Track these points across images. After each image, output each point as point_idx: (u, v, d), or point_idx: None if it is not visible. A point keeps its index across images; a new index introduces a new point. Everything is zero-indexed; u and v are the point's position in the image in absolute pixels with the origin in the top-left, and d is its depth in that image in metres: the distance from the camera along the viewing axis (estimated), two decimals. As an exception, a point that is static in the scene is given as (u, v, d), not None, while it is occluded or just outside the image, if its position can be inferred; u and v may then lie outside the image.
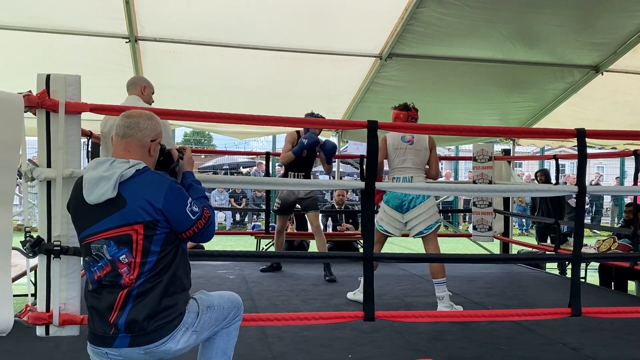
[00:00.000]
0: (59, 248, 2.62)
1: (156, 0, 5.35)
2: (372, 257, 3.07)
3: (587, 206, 15.44)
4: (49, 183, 2.65)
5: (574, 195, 3.34)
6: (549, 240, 7.99)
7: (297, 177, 5.35)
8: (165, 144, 2.35)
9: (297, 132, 5.39)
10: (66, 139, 2.65)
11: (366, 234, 3.10)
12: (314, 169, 21.60)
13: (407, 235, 4.50)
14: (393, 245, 10.07)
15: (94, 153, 4.98)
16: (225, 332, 2.33)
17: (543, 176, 8.18)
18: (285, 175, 5.49)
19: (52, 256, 2.64)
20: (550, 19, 5.76)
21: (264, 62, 6.30)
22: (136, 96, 4.17)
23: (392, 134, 4.41)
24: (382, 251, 4.44)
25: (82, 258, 2.13)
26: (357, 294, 4.60)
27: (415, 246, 10.90)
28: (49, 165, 2.64)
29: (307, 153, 5.30)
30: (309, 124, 4.92)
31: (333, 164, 6.01)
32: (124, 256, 1.99)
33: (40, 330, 2.69)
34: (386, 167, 4.63)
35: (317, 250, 7.97)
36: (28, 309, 2.69)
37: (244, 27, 5.76)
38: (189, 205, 2.09)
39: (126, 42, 5.77)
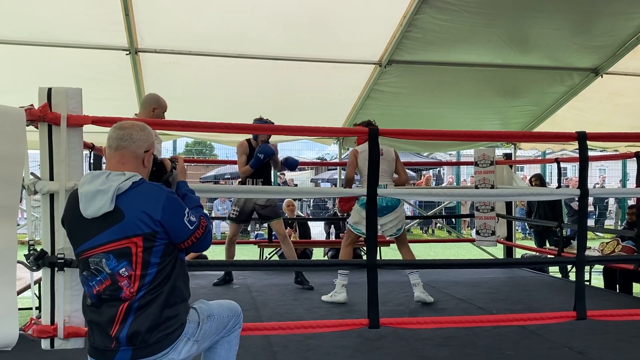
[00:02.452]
0: (62, 261, 2.62)
1: (156, 12, 5.38)
2: (375, 263, 3.07)
3: (590, 208, 15.41)
4: (51, 196, 2.66)
5: (577, 198, 3.34)
6: (547, 244, 7.97)
7: (256, 184, 5.32)
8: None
9: (248, 140, 5.37)
10: (68, 151, 2.66)
11: (369, 240, 3.10)
12: (316, 176, 21.43)
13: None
14: (396, 252, 10.04)
15: (96, 165, 5.00)
16: (226, 341, 2.33)
17: (538, 181, 8.17)
18: (243, 182, 5.42)
19: (56, 269, 2.64)
20: (548, 22, 5.78)
21: (264, 71, 6.32)
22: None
23: (363, 147, 4.73)
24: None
25: (80, 273, 2.11)
26: (333, 296, 4.90)
27: (419, 253, 10.88)
28: (51, 178, 2.65)
29: None
30: (307, 132, 4.92)
31: (334, 171, 6.01)
32: (123, 269, 1.98)
33: (45, 344, 2.69)
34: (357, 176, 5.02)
35: (321, 258, 7.98)
36: (33, 322, 2.69)
37: (243, 37, 5.78)
38: (186, 215, 2.09)
39: (126, 54, 5.79)
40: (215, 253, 5.63)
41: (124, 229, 1.99)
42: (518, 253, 7.63)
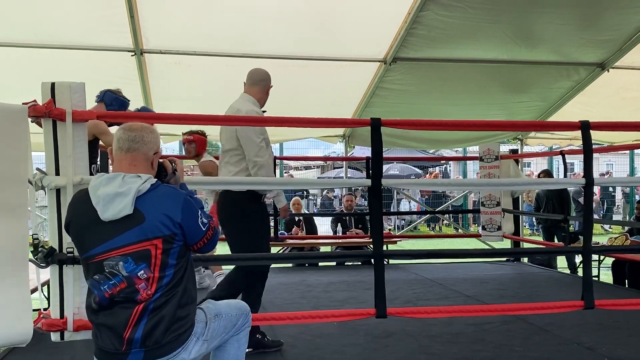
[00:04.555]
0: (72, 256, 2.61)
1: (160, 13, 5.39)
2: (382, 254, 3.07)
3: (598, 203, 15.33)
4: (58, 191, 2.65)
5: (582, 187, 3.34)
6: (555, 239, 7.94)
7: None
8: None
9: None
10: (74, 146, 2.66)
11: (375, 231, 3.10)
12: (322, 175, 21.35)
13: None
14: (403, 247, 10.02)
15: (102, 162, 4.99)
16: (235, 339, 2.34)
17: (546, 176, 8.15)
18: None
19: (65, 265, 2.64)
20: (553, 17, 5.75)
21: (269, 70, 6.27)
22: (252, 98, 3.79)
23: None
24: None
25: (87, 277, 2.08)
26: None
27: (424, 246, 10.85)
28: (57, 173, 2.65)
29: None
30: (315, 124, 4.86)
31: (340, 169, 5.96)
32: (142, 272, 1.98)
33: (55, 337, 2.70)
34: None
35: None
36: (42, 315, 2.71)
37: (248, 36, 5.79)
38: (200, 217, 2.11)
39: (132, 55, 5.81)
40: (222, 251, 5.63)
41: (144, 231, 1.99)
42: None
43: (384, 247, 3.93)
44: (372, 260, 3.19)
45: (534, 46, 6.28)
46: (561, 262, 7.94)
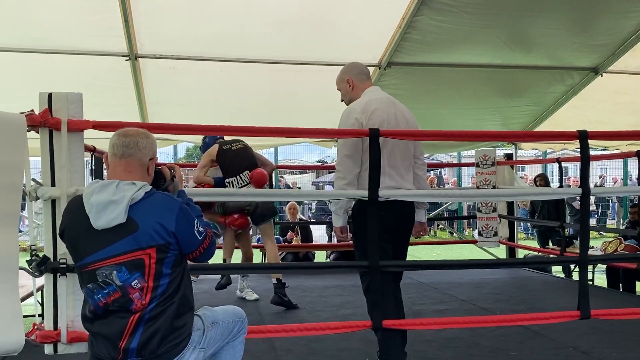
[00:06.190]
0: (65, 266, 2.60)
1: (155, 17, 5.38)
2: (378, 265, 3.05)
3: (592, 207, 15.38)
4: (53, 202, 2.64)
5: (579, 198, 3.33)
6: (550, 244, 7.96)
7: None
8: None
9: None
10: (69, 157, 2.64)
11: (370, 242, 3.08)
12: (317, 179, 21.24)
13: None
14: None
15: (97, 169, 4.99)
16: (230, 346, 2.33)
17: (542, 181, 8.18)
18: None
19: (59, 274, 2.63)
20: (547, 22, 5.78)
21: (264, 75, 6.32)
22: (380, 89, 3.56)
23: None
24: None
25: (82, 285, 2.06)
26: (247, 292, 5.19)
27: (421, 254, 10.86)
28: (52, 184, 2.64)
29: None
30: (309, 134, 4.85)
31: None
32: (136, 281, 1.95)
33: (48, 349, 2.68)
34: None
35: (323, 261, 7.96)
36: (36, 327, 2.69)
37: (243, 41, 5.79)
38: (196, 226, 2.07)
39: (126, 60, 5.79)
40: (218, 256, 5.61)
41: (138, 240, 1.96)
42: (521, 253, 7.63)
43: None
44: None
45: (528, 51, 6.30)
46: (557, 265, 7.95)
